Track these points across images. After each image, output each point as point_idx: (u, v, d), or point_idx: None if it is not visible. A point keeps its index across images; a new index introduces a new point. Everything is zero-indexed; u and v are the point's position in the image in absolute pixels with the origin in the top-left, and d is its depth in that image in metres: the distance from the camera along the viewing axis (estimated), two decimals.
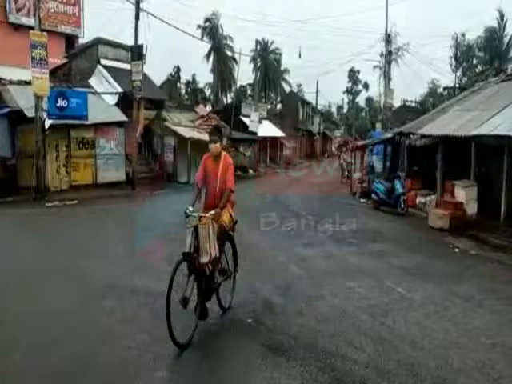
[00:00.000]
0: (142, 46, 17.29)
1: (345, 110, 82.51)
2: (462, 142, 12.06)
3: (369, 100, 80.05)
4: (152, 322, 4.73)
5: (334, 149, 57.45)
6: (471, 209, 12.06)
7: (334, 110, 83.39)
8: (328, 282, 6.57)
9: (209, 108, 49.15)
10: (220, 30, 45.55)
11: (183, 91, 52.18)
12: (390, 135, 19.32)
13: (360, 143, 23.95)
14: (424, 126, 15.04)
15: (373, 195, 15.66)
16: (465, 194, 12.14)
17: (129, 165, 18.78)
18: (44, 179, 14.96)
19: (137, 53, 17.29)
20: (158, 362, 3.92)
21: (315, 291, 6.06)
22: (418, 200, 14.90)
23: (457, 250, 9.64)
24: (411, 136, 16.36)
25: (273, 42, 50.02)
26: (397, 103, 38.71)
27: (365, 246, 9.41)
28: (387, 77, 23.53)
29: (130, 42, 18.80)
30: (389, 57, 23.61)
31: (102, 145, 17.68)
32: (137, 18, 16.91)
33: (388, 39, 23.29)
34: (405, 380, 3.81)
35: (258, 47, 44.82)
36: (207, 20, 44.75)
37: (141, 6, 17.11)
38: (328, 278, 6.80)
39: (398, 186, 14.54)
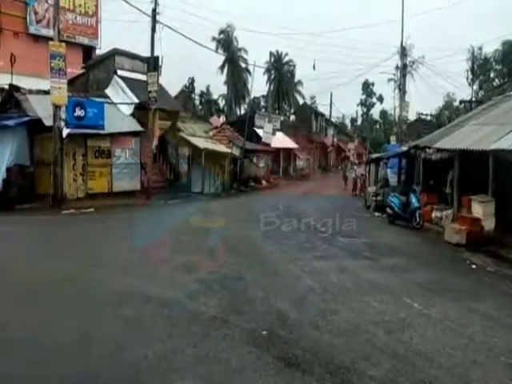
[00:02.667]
0: (157, 57, 17.63)
1: (359, 123, 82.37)
2: (479, 156, 11.91)
3: (383, 113, 79.83)
4: (168, 331, 4.73)
5: (347, 161, 57.32)
6: (488, 224, 11.82)
7: (347, 122, 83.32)
8: (342, 295, 6.49)
9: (222, 119, 49.59)
10: (234, 42, 46.14)
11: (197, 102, 52.83)
12: (405, 148, 19.17)
13: (374, 156, 23.79)
14: (440, 139, 14.91)
15: (387, 209, 15.49)
16: (482, 210, 11.93)
17: (144, 174, 18.97)
18: (61, 187, 15.18)
19: (153, 64, 17.61)
20: (174, 373, 3.90)
21: (330, 305, 5.99)
22: (433, 214, 14.68)
23: (474, 266, 9.44)
24: (427, 150, 16.23)
25: (287, 54, 50.55)
26: (412, 116, 38.51)
27: (380, 260, 9.29)
28: (402, 90, 23.42)
29: (146, 54, 19.22)
30: (404, 70, 23.52)
31: (117, 154, 17.93)
32: (153, 30, 17.25)
33: (403, 52, 23.23)
34: None
35: (272, 59, 45.22)
36: (222, 32, 45.43)
37: (157, 18, 17.43)
38: (342, 291, 6.72)
39: (413, 200, 14.37)
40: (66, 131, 15.11)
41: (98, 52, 24.49)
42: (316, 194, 24.60)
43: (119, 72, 19.16)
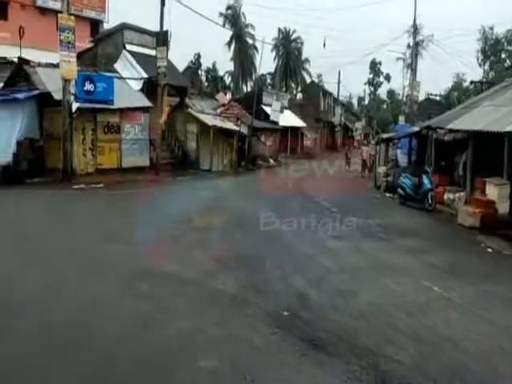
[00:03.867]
0: (167, 31, 17.21)
1: (366, 102, 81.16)
2: (493, 138, 11.64)
3: (390, 92, 78.53)
4: (188, 309, 4.68)
5: (355, 141, 56.68)
6: (503, 207, 11.65)
7: (354, 101, 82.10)
8: (360, 276, 6.42)
9: (229, 96, 48.94)
10: (242, 18, 45.09)
11: (203, 79, 52.03)
12: (416, 129, 18.81)
13: (385, 136, 23.41)
14: (453, 120, 14.58)
15: (399, 190, 15.28)
16: (497, 192, 11.73)
17: (152, 150, 18.81)
18: (71, 162, 15.09)
19: (162, 38, 17.19)
20: (199, 351, 3.85)
21: (348, 286, 5.92)
22: (445, 196, 14.48)
23: (490, 249, 9.32)
24: (438, 130, 15.91)
25: (294, 31, 49.42)
26: (421, 96, 37.78)
27: (394, 241, 9.21)
28: (414, 69, 22.83)
29: (153, 28, 18.78)
30: (416, 49, 22.86)
31: (126, 130, 17.73)
32: (162, 3, 16.77)
33: (415, 30, 22.55)
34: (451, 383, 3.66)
35: (280, 36, 44.31)
36: (229, 8, 44.34)
37: None
38: (360, 272, 6.65)
39: (425, 181, 14.14)
40: (75, 105, 14.91)
41: (106, 26, 24.00)
42: (324, 173, 24.23)
43: (128, 46, 18.77)
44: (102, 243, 7.23)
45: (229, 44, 46.18)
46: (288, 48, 45.86)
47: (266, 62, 52.34)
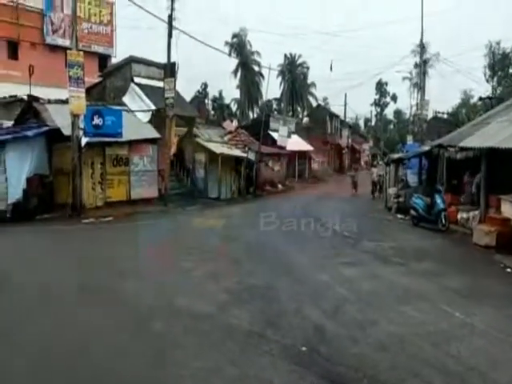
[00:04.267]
0: (174, 63, 17.54)
1: (373, 123, 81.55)
2: (507, 154, 11.47)
3: (397, 112, 78.93)
4: (202, 347, 4.52)
5: (363, 162, 56.63)
6: None
7: (361, 122, 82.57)
8: (378, 305, 6.21)
9: (235, 123, 49.57)
10: (247, 46, 46.07)
11: (210, 107, 52.89)
12: (427, 148, 18.70)
13: (396, 156, 23.30)
14: (464, 137, 14.45)
15: (411, 211, 15.04)
16: None
17: (161, 181, 18.89)
18: (80, 196, 15.15)
19: (170, 70, 17.53)
20: None
21: (366, 315, 5.72)
22: (459, 216, 14.22)
23: (509, 269, 9.04)
24: (449, 149, 15.77)
25: (300, 56, 50.30)
26: (429, 115, 37.84)
27: (410, 265, 8.97)
28: (422, 88, 22.94)
29: (160, 60, 19.21)
30: (424, 67, 23.03)
31: (135, 162, 17.87)
32: (169, 35, 17.18)
33: (423, 49, 22.78)
34: None
35: (286, 61, 45.13)
36: (235, 36, 45.39)
37: (173, 24, 17.40)
38: (377, 300, 6.44)
39: (438, 200, 13.92)
40: (84, 140, 15.09)
41: (114, 60, 24.63)
42: (334, 197, 24.20)
43: (136, 79, 19.17)
44: (115, 279, 7.12)
45: (235, 72, 47.11)
46: (294, 73, 46.66)
47: (271, 88, 53.28)
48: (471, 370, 4.27)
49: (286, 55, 41.76)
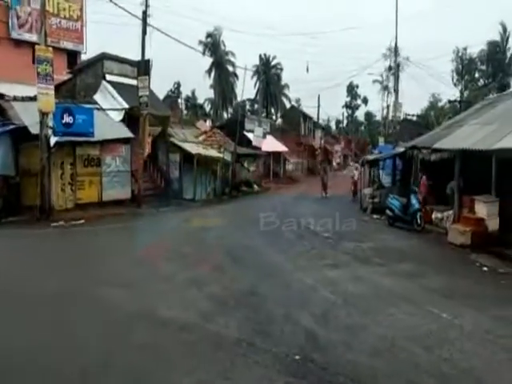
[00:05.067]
0: (149, 60, 17.03)
1: (344, 125, 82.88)
2: (480, 156, 11.75)
3: (368, 114, 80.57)
4: (192, 360, 4.25)
5: (335, 163, 57.29)
6: (493, 225, 11.66)
7: (332, 124, 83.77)
8: (366, 308, 6.12)
9: (209, 123, 49.07)
10: (222, 46, 45.69)
11: (183, 107, 52.20)
12: (402, 149, 19.00)
13: (371, 157, 23.56)
14: (438, 140, 14.74)
15: (387, 211, 15.21)
16: (486, 210, 11.74)
17: (134, 182, 18.35)
18: (49, 198, 14.46)
19: (143, 68, 17.01)
20: None
21: (356, 319, 5.61)
22: (434, 216, 14.49)
23: (485, 268, 9.24)
24: (423, 150, 16.06)
25: (274, 57, 50.36)
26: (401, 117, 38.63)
27: (390, 265, 8.99)
28: (396, 90, 23.36)
29: (132, 57, 18.65)
30: (397, 70, 23.47)
31: (107, 162, 17.27)
32: (144, 32, 16.68)
33: (396, 52, 23.19)
34: None
35: (261, 62, 45.09)
36: (209, 35, 44.90)
37: (147, 20, 16.92)
38: (364, 303, 6.35)
39: (414, 201, 14.13)
40: (53, 139, 14.41)
41: (84, 57, 23.74)
42: (310, 197, 24.23)
43: (108, 77, 18.49)
44: (93, 286, 6.69)
45: (209, 72, 46.60)
46: (268, 74, 46.63)
47: (246, 89, 53.11)
48: (466, 374, 4.23)
49: (260, 56, 41.81)
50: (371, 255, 9.92)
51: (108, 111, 17.59)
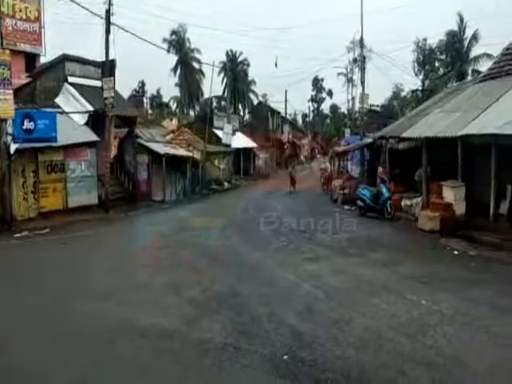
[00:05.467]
0: (113, 60, 16.42)
1: (310, 118, 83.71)
2: (445, 143, 12.09)
3: (333, 107, 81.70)
4: (177, 370, 4.10)
5: (303, 157, 57.79)
6: (460, 209, 12.02)
7: (299, 118, 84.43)
8: (347, 300, 6.14)
9: (175, 122, 48.28)
10: (187, 43, 44.91)
11: (148, 106, 51.14)
12: (370, 140, 19.32)
13: (341, 149, 23.84)
14: (405, 129, 15.08)
15: (359, 201, 15.43)
16: (453, 195, 12.09)
17: (101, 186, 17.78)
18: (10, 208, 13.80)
19: (108, 68, 16.41)
20: None
21: (339, 312, 5.61)
22: (403, 203, 14.82)
23: (456, 252, 9.54)
24: (391, 140, 16.40)
25: (241, 53, 50.03)
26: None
27: (366, 255, 9.14)
28: (363, 82, 23.72)
29: (94, 58, 17.97)
30: (363, 62, 23.80)
31: (72, 167, 16.61)
32: (107, 31, 16.09)
33: (362, 45, 23.50)
34: None
35: (228, 58, 44.71)
36: (173, 33, 44.01)
37: (111, 19, 16.33)
38: (346, 295, 6.38)
39: (384, 190, 14.41)
40: (13, 146, 13.70)
41: (43, 60, 22.65)
42: (281, 191, 24.28)
43: (70, 79, 17.70)
44: (67, 300, 6.35)
45: (174, 70, 45.72)
46: (235, 70, 46.28)
47: (213, 86, 52.34)
48: (452, 360, 4.29)
49: (227, 52, 41.48)
50: (347, 246, 10.02)
51: (71, 114, 16.91)
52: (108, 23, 16.10)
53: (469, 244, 10.17)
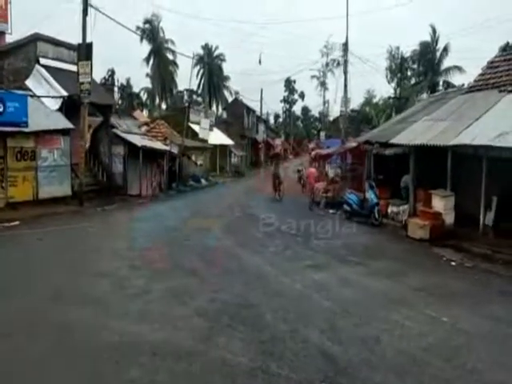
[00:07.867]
0: (91, 44, 15.34)
1: (281, 119, 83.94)
2: (434, 151, 12.05)
3: (304, 109, 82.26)
4: None
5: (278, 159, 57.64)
6: (449, 218, 12.02)
7: (271, 118, 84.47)
8: (367, 315, 5.76)
9: (145, 113, 46.72)
10: (161, 33, 43.49)
11: (118, 96, 49.24)
12: (354, 144, 19.23)
13: (324, 152, 23.67)
14: (390, 135, 15.00)
15: (345, 206, 15.25)
16: (444, 204, 12.06)
17: (74, 177, 16.67)
18: None
19: (85, 52, 15.31)
20: None
21: (365, 331, 5.20)
22: (389, 210, 14.75)
23: (453, 263, 9.44)
24: (375, 145, 16.31)
25: (217, 47, 49.07)
26: (335, 113, 39.93)
27: (367, 264, 8.86)
28: (345, 86, 23.67)
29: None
30: (346, 66, 23.77)
31: (43, 155, 15.43)
32: (85, 12, 15.01)
33: (346, 48, 23.43)
34: None
35: (203, 52, 43.69)
36: (147, 22, 42.51)
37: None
38: (364, 309, 5.99)
39: (372, 195, 14.26)
40: None
41: (9, 38, 21.02)
42: (260, 191, 23.78)
43: (42, 60, 16.43)
44: (53, 307, 5.58)
45: (147, 59, 44.14)
46: (211, 64, 45.33)
47: (186, 79, 51.27)
48: None
49: (203, 46, 40.49)
50: (345, 254, 9.72)
51: (43, 99, 15.70)
52: (85, 4, 15.00)
53: (463, 255, 10.10)
